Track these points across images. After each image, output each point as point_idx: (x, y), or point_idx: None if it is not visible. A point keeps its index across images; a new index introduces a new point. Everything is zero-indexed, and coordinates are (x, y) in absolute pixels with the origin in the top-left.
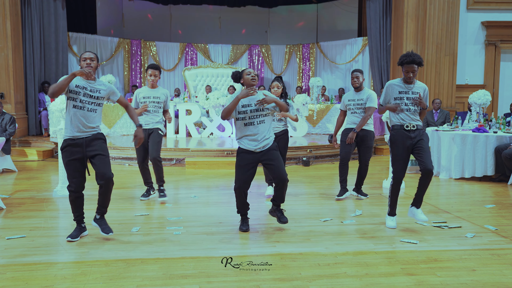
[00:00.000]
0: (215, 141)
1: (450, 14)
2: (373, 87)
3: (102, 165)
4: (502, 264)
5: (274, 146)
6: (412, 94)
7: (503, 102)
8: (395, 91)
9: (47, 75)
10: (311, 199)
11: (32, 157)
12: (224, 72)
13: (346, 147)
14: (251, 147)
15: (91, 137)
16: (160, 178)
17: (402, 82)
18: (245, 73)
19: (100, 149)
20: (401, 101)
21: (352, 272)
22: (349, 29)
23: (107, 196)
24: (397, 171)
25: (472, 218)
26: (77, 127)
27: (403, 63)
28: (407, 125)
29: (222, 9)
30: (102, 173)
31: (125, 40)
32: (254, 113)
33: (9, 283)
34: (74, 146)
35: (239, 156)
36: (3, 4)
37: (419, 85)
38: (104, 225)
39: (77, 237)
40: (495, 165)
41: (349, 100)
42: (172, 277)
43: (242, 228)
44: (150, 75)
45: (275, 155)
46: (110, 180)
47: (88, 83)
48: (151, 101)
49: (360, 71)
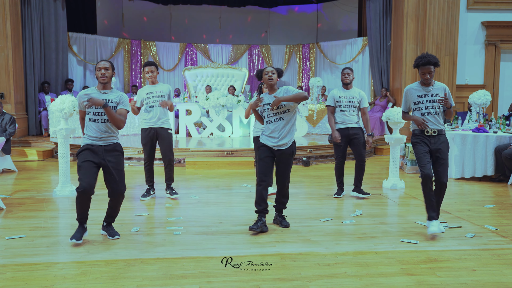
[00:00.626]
0: (215, 141)
1: (450, 14)
2: (373, 87)
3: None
4: (502, 264)
5: (290, 151)
6: (431, 97)
7: (503, 102)
8: (413, 96)
9: (47, 75)
10: (311, 199)
11: (32, 157)
12: (224, 72)
13: (340, 149)
14: (269, 143)
15: (110, 147)
16: (171, 178)
17: (420, 85)
18: (263, 73)
19: (116, 162)
20: (421, 105)
21: (352, 272)
22: (349, 29)
23: (117, 209)
24: (423, 168)
25: (472, 218)
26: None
27: (419, 65)
28: (427, 130)
29: (222, 9)
30: (113, 188)
31: (125, 40)
32: (271, 111)
33: (9, 283)
34: (92, 151)
35: (260, 150)
36: (3, 4)
37: (438, 85)
38: (111, 230)
39: (81, 238)
40: (495, 165)
41: (340, 97)
42: (172, 277)
43: (253, 227)
44: (147, 72)
45: (287, 161)
46: (121, 195)
47: (101, 94)
48: (154, 96)
49: (351, 69)
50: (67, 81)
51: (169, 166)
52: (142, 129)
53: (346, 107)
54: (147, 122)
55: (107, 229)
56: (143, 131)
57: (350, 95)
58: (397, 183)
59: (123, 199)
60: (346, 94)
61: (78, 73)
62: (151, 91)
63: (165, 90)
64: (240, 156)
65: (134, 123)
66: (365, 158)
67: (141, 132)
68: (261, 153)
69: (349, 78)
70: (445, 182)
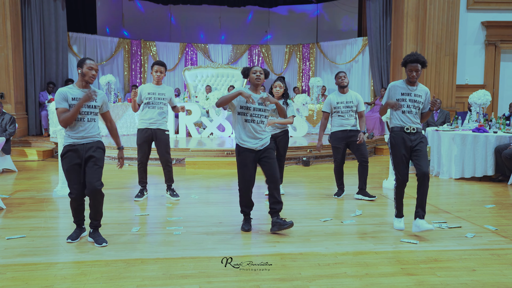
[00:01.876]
0: (215, 141)
1: (450, 14)
2: (373, 87)
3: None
4: (502, 264)
5: (271, 145)
6: (414, 97)
7: (503, 102)
8: (397, 93)
9: (47, 75)
10: (311, 199)
11: (32, 157)
12: (224, 72)
13: (339, 152)
14: (251, 145)
15: (93, 144)
16: (171, 178)
17: (405, 83)
18: (251, 71)
19: (98, 158)
20: (404, 103)
21: (352, 272)
22: (349, 29)
23: (97, 209)
24: (399, 173)
25: (472, 218)
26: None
27: (407, 62)
28: (407, 127)
29: (222, 9)
30: (88, 182)
31: (125, 40)
32: (256, 112)
33: (9, 283)
34: (75, 151)
35: (241, 156)
36: (3, 4)
37: (421, 87)
38: (98, 237)
39: (77, 238)
40: (495, 165)
41: (337, 103)
42: (172, 277)
43: (244, 227)
44: (156, 71)
45: (272, 155)
46: (97, 192)
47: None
48: (156, 97)
49: (345, 73)
50: (67, 81)
51: (167, 167)
52: (139, 129)
53: (344, 112)
54: (144, 122)
55: (93, 235)
56: (140, 131)
57: (347, 99)
58: None
59: (103, 198)
60: (343, 99)
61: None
62: (154, 91)
63: (168, 93)
64: None
65: (134, 123)
66: (367, 157)
67: (138, 132)
68: (243, 159)
69: (346, 81)
70: (426, 172)
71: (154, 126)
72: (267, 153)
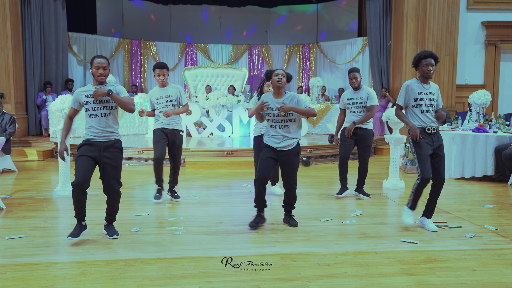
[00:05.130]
0: (215, 141)
1: (450, 14)
2: (373, 87)
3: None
4: (502, 264)
5: (295, 151)
6: (430, 95)
7: (503, 102)
8: (415, 92)
9: (47, 75)
10: (311, 199)
11: (32, 157)
12: (224, 72)
13: (345, 146)
14: (273, 144)
15: (109, 143)
16: (175, 180)
17: (419, 82)
18: (274, 74)
19: (113, 158)
20: (422, 102)
21: (352, 272)
22: (349, 29)
23: (114, 207)
24: (424, 171)
25: (472, 218)
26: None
27: (421, 58)
28: (428, 127)
29: (222, 9)
30: (106, 183)
31: (125, 40)
32: (277, 117)
33: (9, 283)
34: (91, 145)
35: (264, 149)
36: (3, 4)
37: (433, 85)
38: (110, 229)
39: (78, 235)
40: (495, 165)
41: (348, 99)
42: (172, 277)
43: (251, 223)
44: (158, 75)
45: (293, 161)
46: (115, 192)
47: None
48: (163, 101)
49: (357, 70)
50: (67, 81)
51: (175, 168)
52: (155, 129)
53: (354, 108)
54: (159, 123)
55: (107, 228)
56: (156, 131)
57: (357, 96)
58: (397, 183)
59: (120, 197)
60: (353, 96)
61: (78, 73)
62: (161, 95)
63: (174, 93)
64: (240, 156)
65: (134, 123)
66: (367, 159)
67: (154, 132)
68: (264, 153)
69: (357, 82)
70: (444, 179)
71: (169, 126)
72: (288, 156)
